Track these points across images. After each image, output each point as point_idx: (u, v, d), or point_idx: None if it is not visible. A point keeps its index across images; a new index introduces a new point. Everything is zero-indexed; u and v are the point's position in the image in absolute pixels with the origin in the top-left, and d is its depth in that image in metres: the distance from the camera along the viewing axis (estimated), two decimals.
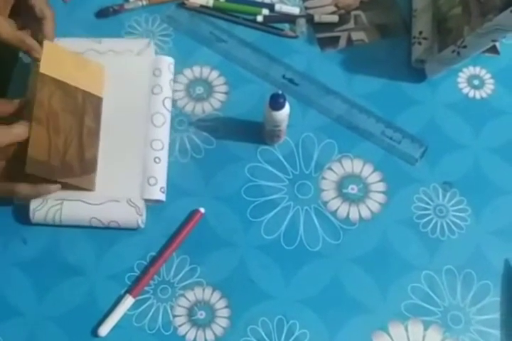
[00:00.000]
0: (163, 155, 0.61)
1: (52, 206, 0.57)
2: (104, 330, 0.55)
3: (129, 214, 0.57)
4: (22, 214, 0.59)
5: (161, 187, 0.59)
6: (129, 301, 0.56)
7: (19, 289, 0.58)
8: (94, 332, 0.56)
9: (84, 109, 0.60)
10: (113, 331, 0.56)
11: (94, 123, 0.61)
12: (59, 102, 0.58)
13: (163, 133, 0.62)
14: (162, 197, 0.59)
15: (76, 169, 0.57)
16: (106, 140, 0.61)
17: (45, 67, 0.58)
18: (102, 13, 0.70)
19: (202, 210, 0.59)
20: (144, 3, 0.71)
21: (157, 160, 0.60)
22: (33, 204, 0.57)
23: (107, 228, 0.59)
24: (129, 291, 0.56)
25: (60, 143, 0.56)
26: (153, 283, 0.58)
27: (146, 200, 0.59)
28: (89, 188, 0.58)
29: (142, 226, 0.58)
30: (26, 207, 0.58)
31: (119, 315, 0.55)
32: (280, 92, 0.58)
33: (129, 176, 0.59)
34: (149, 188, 0.59)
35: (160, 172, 0.60)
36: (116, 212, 0.57)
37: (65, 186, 0.56)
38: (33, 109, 0.55)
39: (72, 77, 0.60)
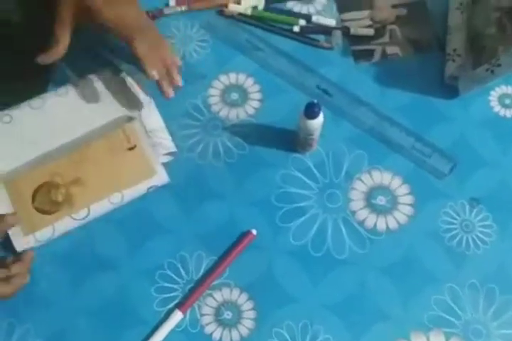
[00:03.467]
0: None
1: None
2: None
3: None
4: None
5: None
6: (177, 317, 0.61)
7: (51, 280, 0.64)
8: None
9: None
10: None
11: None
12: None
13: None
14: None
15: None
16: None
17: None
18: None
19: (254, 232, 0.66)
20: (183, 9, 0.78)
21: None
22: None
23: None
24: (178, 306, 0.62)
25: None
26: (181, 281, 0.64)
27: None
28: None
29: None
30: None
31: (167, 330, 0.61)
32: (316, 101, 0.64)
33: None
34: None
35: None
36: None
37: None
38: None
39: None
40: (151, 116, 0.69)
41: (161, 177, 0.66)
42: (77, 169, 0.64)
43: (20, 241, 0.63)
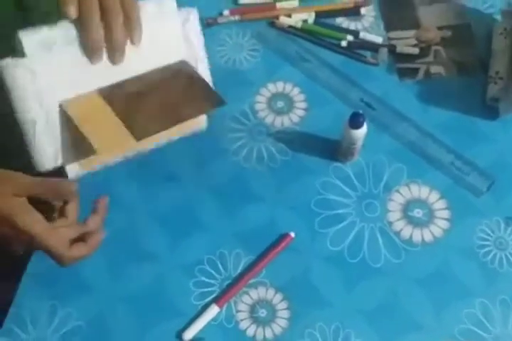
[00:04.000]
0: None
1: None
2: (188, 335, 0.63)
3: None
4: None
5: None
6: (214, 310, 0.64)
7: (93, 267, 0.67)
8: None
9: None
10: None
11: None
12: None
13: None
14: None
15: None
16: None
17: None
18: None
19: (292, 235, 0.68)
20: (237, 18, 0.83)
21: None
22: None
23: None
24: (215, 301, 0.65)
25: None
26: (219, 277, 0.67)
27: None
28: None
29: None
30: None
31: (203, 322, 0.64)
32: (361, 112, 0.68)
33: None
34: None
35: None
36: None
37: None
38: None
39: None
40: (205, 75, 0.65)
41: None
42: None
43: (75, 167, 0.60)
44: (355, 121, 0.67)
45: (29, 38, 0.53)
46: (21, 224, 0.53)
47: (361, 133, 0.68)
